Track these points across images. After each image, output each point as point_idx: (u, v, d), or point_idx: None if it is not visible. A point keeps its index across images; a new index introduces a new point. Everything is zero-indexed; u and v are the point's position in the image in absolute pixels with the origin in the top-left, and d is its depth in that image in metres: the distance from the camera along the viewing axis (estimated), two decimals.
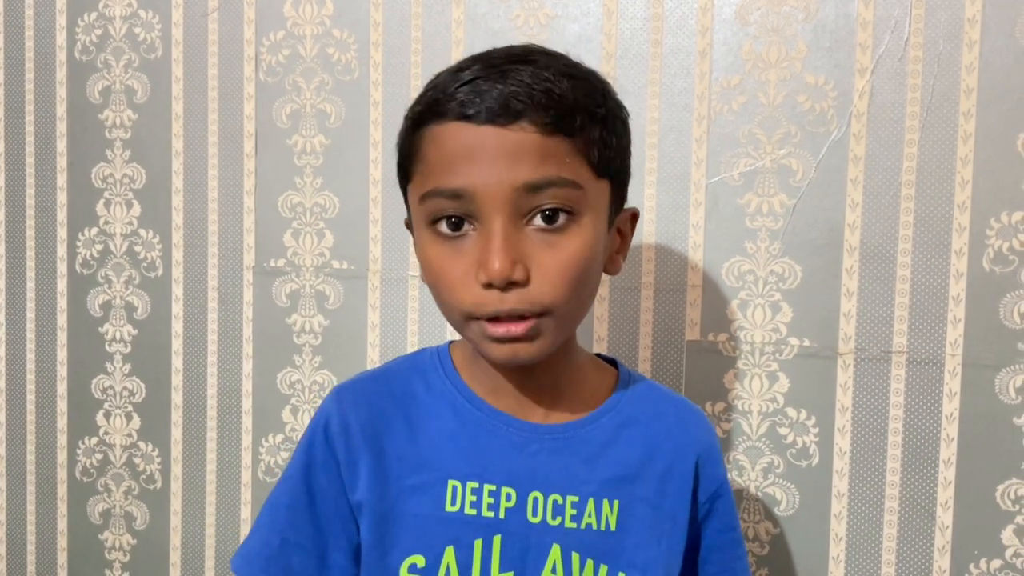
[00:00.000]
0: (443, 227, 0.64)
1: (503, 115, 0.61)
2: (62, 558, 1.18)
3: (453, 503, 0.68)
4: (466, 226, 0.63)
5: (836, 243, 0.93)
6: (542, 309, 0.63)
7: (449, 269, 0.64)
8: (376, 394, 0.72)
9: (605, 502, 0.69)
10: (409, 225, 0.73)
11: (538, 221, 0.63)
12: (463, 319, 0.65)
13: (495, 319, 0.63)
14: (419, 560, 0.68)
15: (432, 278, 0.66)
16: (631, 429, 0.72)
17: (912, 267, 0.91)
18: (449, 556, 0.67)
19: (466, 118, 0.62)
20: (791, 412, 0.95)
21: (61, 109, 1.14)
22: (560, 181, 0.62)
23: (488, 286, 0.62)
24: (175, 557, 1.14)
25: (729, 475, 0.96)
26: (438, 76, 0.67)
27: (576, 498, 0.69)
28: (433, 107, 0.64)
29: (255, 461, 1.10)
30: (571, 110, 0.63)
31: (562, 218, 0.63)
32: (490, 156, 0.61)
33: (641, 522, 0.70)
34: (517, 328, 0.63)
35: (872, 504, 0.93)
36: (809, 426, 0.94)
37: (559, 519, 0.68)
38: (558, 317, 0.64)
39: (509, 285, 0.61)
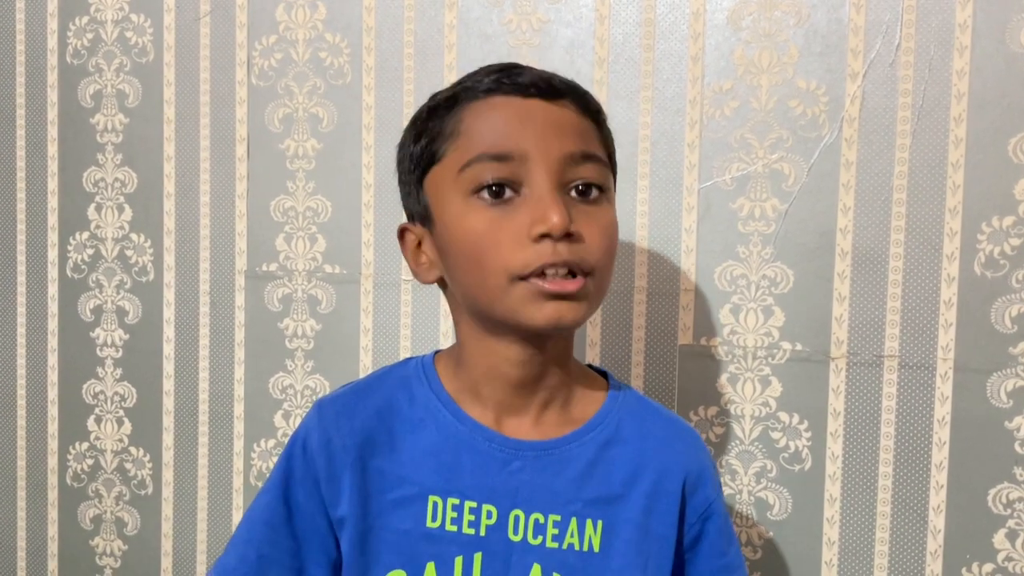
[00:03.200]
0: (485, 195, 0.64)
1: (549, 91, 0.66)
2: (52, 564, 1.17)
3: (434, 519, 0.68)
4: (509, 192, 0.64)
5: (828, 247, 0.93)
6: (590, 268, 0.64)
7: (497, 231, 0.63)
8: (359, 408, 0.71)
9: (589, 522, 0.68)
10: (402, 232, 0.72)
11: (573, 195, 0.65)
12: (508, 282, 0.63)
13: (543, 276, 0.62)
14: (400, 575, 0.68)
15: (475, 246, 0.64)
16: (618, 447, 0.70)
17: (904, 271, 0.91)
18: (430, 572, 0.67)
19: (512, 92, 0.66)
20: (783, 416, 0.95)
21: (52, 113, 1.14)
22: (598, 157, 0.67)
23: (543, 238, 0.62)
24: (166, 563, 1.13)
25: (722, 479, 0.96)
26: (467, 74, 0.70)
27: (558, 517, 0.68)
28: (473, 88, 0.67)
29: (247, 466, 1.09)
30: (594, 104, 0.69)
31: (595, 192, 0.66)
32: (539, 124, 0.65)
33: (627, 543, 0.68)
34: (570, 284, 0.63)
35: (864, 508, 0.93)
36: (801, 430, 0.94)
37: (540, 538, 0.67)
38: (597, 284, 0.66)
39: (564, 236, 0.62)
